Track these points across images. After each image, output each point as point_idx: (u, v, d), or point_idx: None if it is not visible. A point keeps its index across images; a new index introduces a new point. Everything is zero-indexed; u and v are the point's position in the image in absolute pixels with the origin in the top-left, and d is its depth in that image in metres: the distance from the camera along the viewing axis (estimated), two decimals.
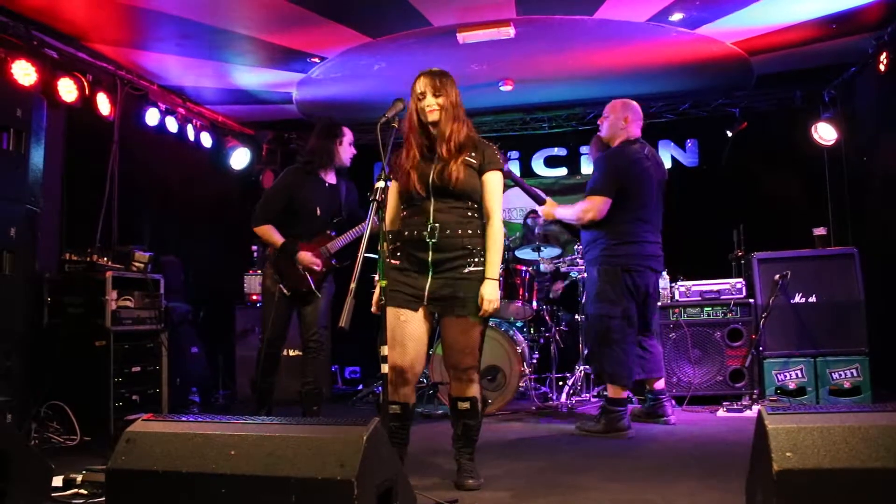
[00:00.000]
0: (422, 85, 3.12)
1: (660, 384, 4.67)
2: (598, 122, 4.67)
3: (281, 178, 4.54)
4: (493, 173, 3.16)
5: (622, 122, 4.44)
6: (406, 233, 3.11)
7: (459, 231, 3.08)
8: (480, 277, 3.09)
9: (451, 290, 3.07)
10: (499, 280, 3.21)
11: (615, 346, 4.27)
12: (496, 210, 3.17)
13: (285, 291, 4.34)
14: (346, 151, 4.48)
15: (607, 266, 4.30)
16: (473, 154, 3.14)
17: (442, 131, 3.09)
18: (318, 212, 4.41)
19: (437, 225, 3.05)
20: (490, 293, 3.07)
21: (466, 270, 3.08)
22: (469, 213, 3.13)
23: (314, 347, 4.41)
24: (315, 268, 4.32)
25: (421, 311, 3.11)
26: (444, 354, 3.21)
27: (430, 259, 3.08)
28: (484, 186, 3.15)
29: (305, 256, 4.30)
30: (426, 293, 3.08)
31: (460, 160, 3.09)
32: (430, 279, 3.09)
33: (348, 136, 4.50)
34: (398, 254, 3.15)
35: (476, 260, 3.10)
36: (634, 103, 4.54)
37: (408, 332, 3.07)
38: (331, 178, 4.52)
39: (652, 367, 4.57)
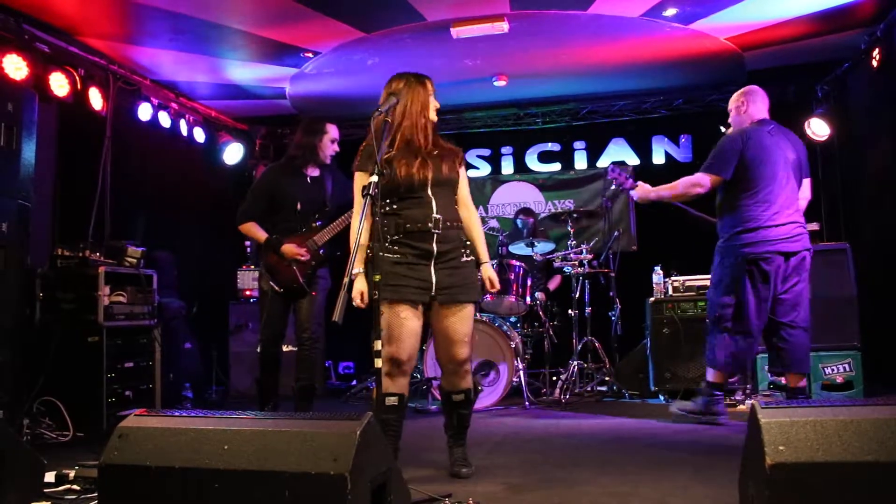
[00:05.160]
0: (432, 86, 3.26)
1: (801, 381, 4.26)
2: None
3: (262, 177, 4.55)
4: (462, 167, 3.37)
5: (742, 107, 4.44)
6: (408, 225, 3.10)
7: (455, 223, 3.22)
8: (473, 265, 3.26)
9: (453, 280, 3.15)
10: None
11: (726, 333, 4.23)
12: (471, 200, 3.41)
13: (277, 289, 4.33)
14: (326, 148, 4.41)
15: (729, 255, 4.24)
16: (451, 150, 3.32)
17: (434, 128, 3.24)
18: (299, 206, 4.38)
19: (439, 217, 3.12)
20: (494, 273, 3.37)
21: (463, 259, 3.21)
22: (456, 206, 3.28)
23: (307, 344, 4.39)
24: (301, 258, 4.29)
25: (420, 306, 3.13)
26: (442, 347, 3.22)
27: (435, 250, 3.12)
28: (462, 180, 3.32)
29: (289, 248, 4.28)
30: (433, 284, 3.11)
31: (448, 153, 3.24)
32: (435, 270, 3.13)
33: (331, 132, 4.44)
34: (395, 248, 3.13)
35: (467, 250, 3.25)
36: (753, 88, 4.51)
37: (406, 327, 3.07)
38: (313, 173, 4.48)
39: (790, 360, 4.22)
